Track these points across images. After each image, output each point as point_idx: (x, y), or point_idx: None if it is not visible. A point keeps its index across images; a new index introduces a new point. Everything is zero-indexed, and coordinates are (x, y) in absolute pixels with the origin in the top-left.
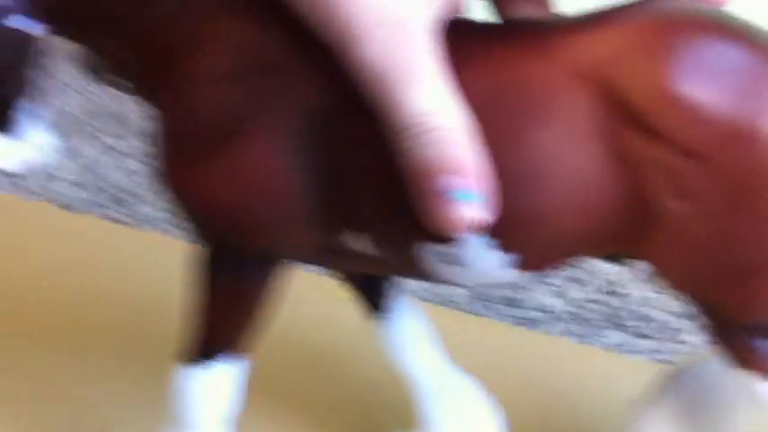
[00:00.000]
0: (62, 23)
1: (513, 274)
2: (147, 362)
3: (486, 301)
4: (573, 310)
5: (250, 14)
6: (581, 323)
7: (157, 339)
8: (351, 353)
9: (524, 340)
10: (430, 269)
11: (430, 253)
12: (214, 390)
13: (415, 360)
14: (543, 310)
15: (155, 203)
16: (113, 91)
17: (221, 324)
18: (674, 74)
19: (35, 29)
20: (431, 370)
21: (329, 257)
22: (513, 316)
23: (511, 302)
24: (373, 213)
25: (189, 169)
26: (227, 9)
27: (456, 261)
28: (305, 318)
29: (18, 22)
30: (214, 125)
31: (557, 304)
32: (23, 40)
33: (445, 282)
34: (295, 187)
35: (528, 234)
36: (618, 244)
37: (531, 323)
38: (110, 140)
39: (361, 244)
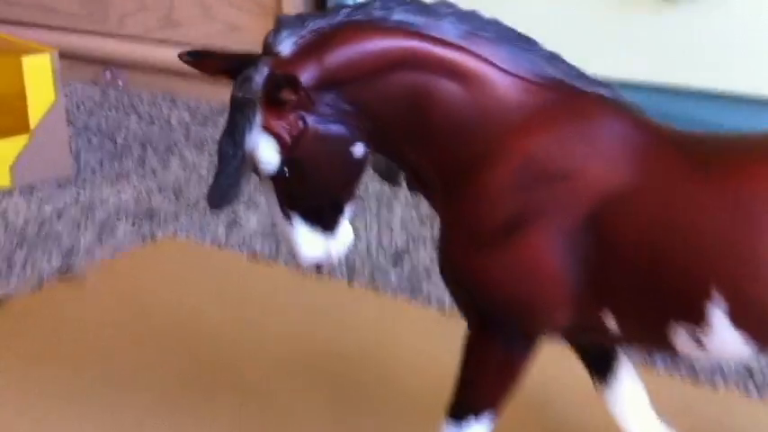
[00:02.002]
0: (379, 145)
1: (752, 354)
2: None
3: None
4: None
5: (535, 133)
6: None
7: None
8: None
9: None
10: (677, 346)
11: (680, 333)
12: None
13: (637, 422)
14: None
15: None
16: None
17: (489, 388)
18: None
19: (360, 151)
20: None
21: (579, 332)
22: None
23: None
24: (631, 296)
25: (475, 259)
26: (515, 130)
27: (705, 342)
28: None
29: (357, 149)
30: (500, 224)
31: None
32: (359, 163)
33: (686, 356)
34: (564, 276)
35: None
36: None
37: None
38: None
39: (613, 322)
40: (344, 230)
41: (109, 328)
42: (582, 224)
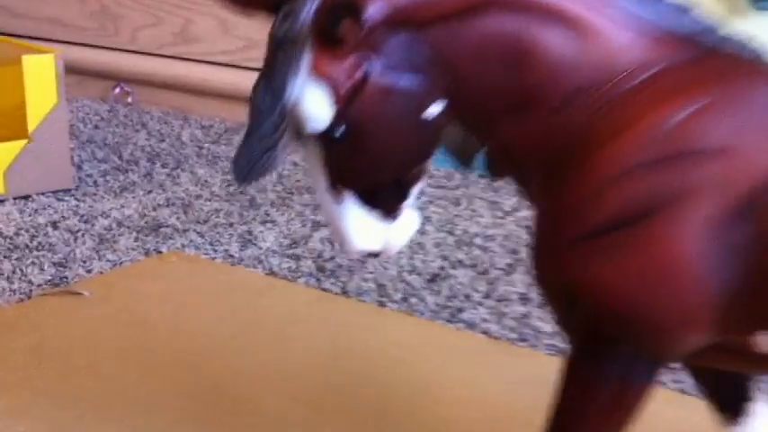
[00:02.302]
0: (460, 108)
1: None
2: None
3: None
4: None
5: (667, 99)
6: None
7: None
8: None
9: None
10: None
11: None
12: None
13: None
14: None
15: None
16: None
17: (596, 428)
18: None
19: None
20: None
21: (715, 355)
22: None
23: None
24: None
25: (585, 258)
26: (639, 95)
27: None
28: None
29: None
30: (619, 213)
31: None
32: (434, 128)
33: None
34: (706, 280)
35: None
36: None
37: None
38: None
39: None
40: (407, 217)
41: (101, 345)
42: (735, 214)
